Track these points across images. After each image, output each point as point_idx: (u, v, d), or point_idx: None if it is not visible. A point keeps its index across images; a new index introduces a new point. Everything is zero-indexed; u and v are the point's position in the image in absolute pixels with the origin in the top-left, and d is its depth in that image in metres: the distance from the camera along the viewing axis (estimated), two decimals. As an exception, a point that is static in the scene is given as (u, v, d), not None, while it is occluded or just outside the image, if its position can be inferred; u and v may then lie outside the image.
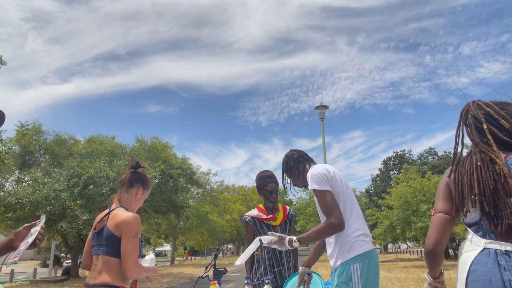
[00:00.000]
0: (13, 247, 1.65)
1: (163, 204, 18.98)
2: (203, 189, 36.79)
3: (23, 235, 1.66)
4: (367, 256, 2.08)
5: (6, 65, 13.21)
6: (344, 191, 2.20)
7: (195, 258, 56.77)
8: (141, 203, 2.25)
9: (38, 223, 1.69)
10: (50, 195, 15.33)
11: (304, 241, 2.12)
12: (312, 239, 2.12)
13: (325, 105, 18.86)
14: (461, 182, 1.54)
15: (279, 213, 3.30)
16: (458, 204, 1.55)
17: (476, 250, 1.48)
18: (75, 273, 19.03)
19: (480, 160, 1.51)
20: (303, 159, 2.48)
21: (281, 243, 2.16)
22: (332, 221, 2.05)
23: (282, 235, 2.18)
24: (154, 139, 21.57)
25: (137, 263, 1.97)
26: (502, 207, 1.42)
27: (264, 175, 3.33)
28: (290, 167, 2.47)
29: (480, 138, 1.57)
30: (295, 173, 2.46)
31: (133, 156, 2.34)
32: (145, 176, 2.26)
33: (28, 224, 1.70)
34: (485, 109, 1.60)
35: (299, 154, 2.49)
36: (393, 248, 64.23)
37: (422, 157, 41.26)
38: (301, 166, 2.45)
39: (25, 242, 1.61)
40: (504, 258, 1.40)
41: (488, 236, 1.47)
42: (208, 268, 3.73)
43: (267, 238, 2.18)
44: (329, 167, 2.25)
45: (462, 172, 1.55)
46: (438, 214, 1.60)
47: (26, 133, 18.20)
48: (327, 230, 2.07)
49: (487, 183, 1.45)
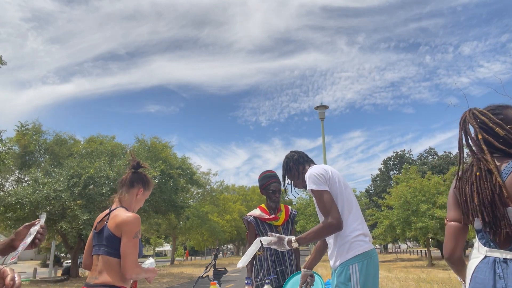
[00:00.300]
0: (14, 247, 1.65)
1: (163, 204, 18.98)
2: (203, 189, 36.80)
3: (23, 235, 1.66)
4: (366, 256, 2.08)
5: (6, 65, 13.21)
6: (342, 191, 2.20)
7: (195, 258, 56.78)
8: (142, 203, 2.25)
9: (38, 222, 1.69)
10: (50, 195, 15.33)
11: (303, 242, 2.14)
12: (311, 239, 2.13)
13: (325, 105, 18.85)
14: (464, 191, 1.59)
15: (281, 213, 3.30)
16: (464, 213, 1.61)
17: (479, 257, 1.54)
18: (75, 273, 19.03)
19: (479, 170, 1.55)
20: (303, 160, 2.49)
21: (281, 243, 2.18)
22: (330, 221, 2.07)
23: (282, 236, 2.20)
24: (154, 139, 21.59)
25: (136, 263, 1.97)
26: (500, 217, 1.46)
27: (267, 175, 3.34)
28: (290, 168, 2.49)
29: (477, 148, 1.61)
30: (295, 174, 2.47)
31: (134, 156, 2.33)
32: (146, 176, 2.26)
33: (28, 224, 1.70)
34: (480, 118, 1.63)
35: (299, 155, 2.50)
36: (393, 248, 64.24)
37: (422, 157, 41.28)
38: (300, 167, 2.46)
39: (23, 242, 1.60)
40: (501, 266, 1.45)
41: (489, 245, 1.52)
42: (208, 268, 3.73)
43: (267, 239, 2.21)
44: (327, 167, 2.26)
45: (465, 182, 1.61)
46: (449, 223, 1.65)
47: (26, 133, 18.21)
48: (326, 230, 2.08)
49: (485, 193, 1.50)
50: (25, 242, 1.60)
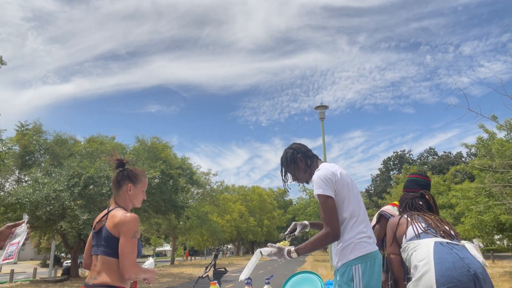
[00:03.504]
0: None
1: (163, 204, 18.98)
2: (203, 189, 36.77)
3: (6, 235, 1.63)
4: (370, 257, 2.08)
5: (6, 65, 13.20)
6: (351, 194, 2.19)
7: (195, 258, 56.76)
8: (139, 197, 2.22)
9: (23, 223, 1.67)
10: (50, 195, 15.33)
11: (301, 252, 2.16)
12: (310, 250, 2.15)
13: (325, 105, 18.85)
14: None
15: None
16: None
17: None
18: (75, 273, 19.03)
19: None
20: (312, 153, 2.44)
21: (280, 254, 2.19)
22: (328, 231, 2.09)
23: (281, 247, 2.22)
24: (154, 139, 21.56)
25: (135, 263, 1.97)
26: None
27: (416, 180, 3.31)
28: (295, 159, 2.39)
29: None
30: (302, 168, 2.39)
31: (115, 154, 2.30)
32: (132, 171, 2.22)
33: (11, 224, 1.67)
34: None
35: (306, 149, 2.45)
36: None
37: (422, 157, 41.29)
38: (309, 160, 2.39)
39: (16, 243, 1.59)
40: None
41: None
42: (208, 268, 3.73)
43: (267, 250, 2.22)
44: (336, 170, 2.20)
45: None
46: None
47: (26, 133, 18.22)
48: (323, 240, 2.11)
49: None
50: (17, 242, 1.58)
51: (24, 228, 1.64)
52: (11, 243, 1.60)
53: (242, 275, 2.18)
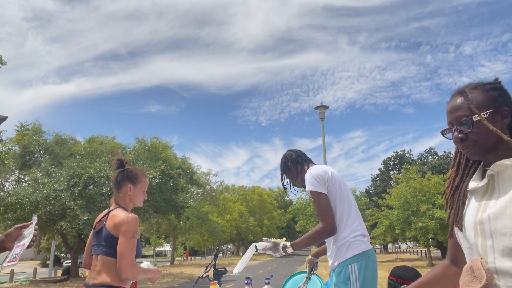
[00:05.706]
0: (6, 249, 1.62)
1: (163, 204, 18.98)
2: (203, 189, 36.78)
3: (14, 236, 1.63)
4: (365, 255, 2.10)
5: (6, 65, 13.21)
6: (342, 193, 2.22)
7: (195, 258, 56.74)
8: (139, 197, 2.22)
9: (31, 225, 1.66)
10: (50, 195, 15.33)
11: (297, 247, 2.17)
12: (305, 245, 2.16)
13: (325, 105, 18.84)
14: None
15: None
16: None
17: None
18: (75, 273, 19.03)
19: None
20: (301, 159, 2.48)
21: (276, 249, 2.21)
22: (323, 226, 2.10)
23: (277, 241, 2.23)
24: (154, 139, 21.56)
25: (133, 263, 1.97)
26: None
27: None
28: (288, 167, 2.49)
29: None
30: (294, 174, 2.48)
31: (117, 154, 2.32)
32: (131, 171, 2.22)
33: (20, 225, 1.66)
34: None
35: (297, 155, 2.50)
36: (393, 248, 64.21)
37: (422, 157, 41.26)
38: (299, 166, 2.46)
39: (21, 245, 1.57)
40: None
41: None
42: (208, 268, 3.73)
43: (262, 244, 2.23)
44: (327, 169, 2.27)
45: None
46: None
47: (26, 133, 18.22)
48: (319, 235, 2.12)
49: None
50: (23, 244, 1.57)
51: (32, 229, 1.63)
52: (18, 245, 1.59)
53: (236, 268, 2.18)
